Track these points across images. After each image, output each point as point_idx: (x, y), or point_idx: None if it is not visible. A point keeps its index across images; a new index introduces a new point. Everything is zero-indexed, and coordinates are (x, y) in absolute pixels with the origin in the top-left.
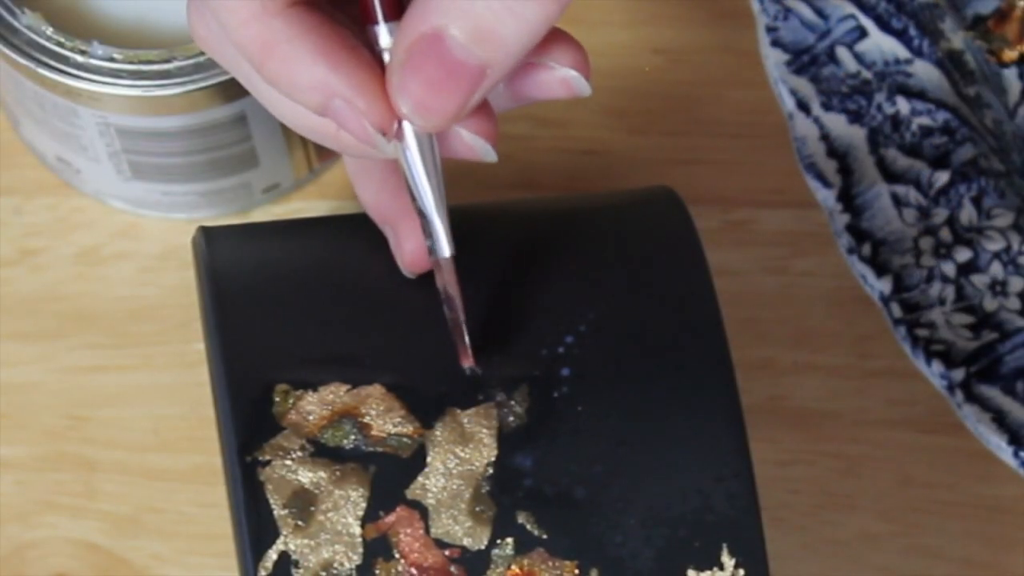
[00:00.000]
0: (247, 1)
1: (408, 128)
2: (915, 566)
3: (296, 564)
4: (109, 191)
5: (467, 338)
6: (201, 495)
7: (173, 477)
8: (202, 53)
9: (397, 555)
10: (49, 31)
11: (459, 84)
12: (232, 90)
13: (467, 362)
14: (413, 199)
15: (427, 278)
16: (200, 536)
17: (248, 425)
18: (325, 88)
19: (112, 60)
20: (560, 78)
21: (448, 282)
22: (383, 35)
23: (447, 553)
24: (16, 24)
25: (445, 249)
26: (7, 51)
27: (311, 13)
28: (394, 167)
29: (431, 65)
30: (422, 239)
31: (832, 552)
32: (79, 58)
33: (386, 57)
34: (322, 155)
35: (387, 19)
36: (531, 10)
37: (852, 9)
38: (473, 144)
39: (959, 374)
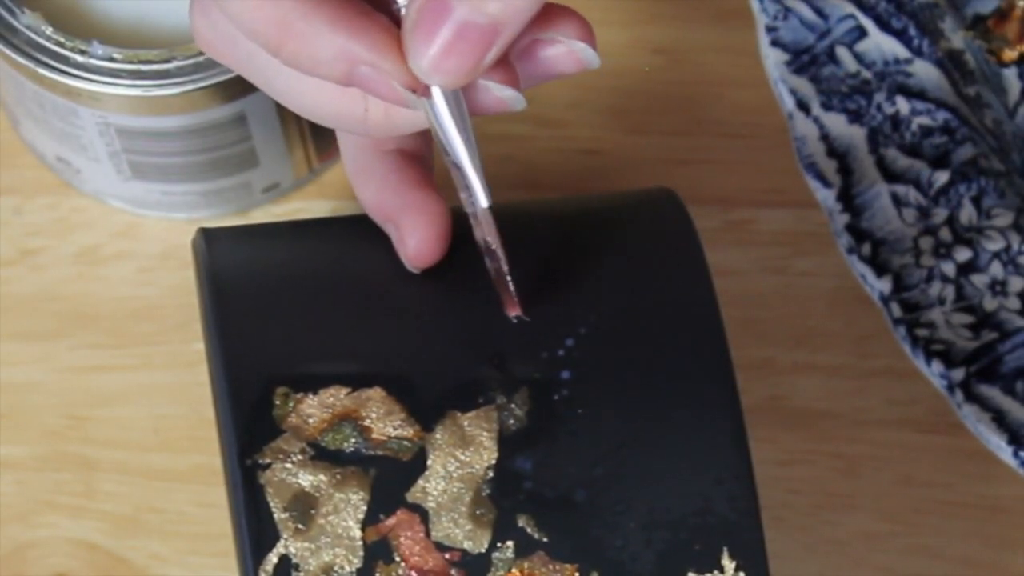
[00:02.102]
0: None
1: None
2: (915, 566)
3: (296, 567)
4: (109, 191)
5: (512, 287)
6: (201, 495)
7: (173, 477)
8: (202, 53)
9: (397, 558)
10: (49, 31)
11: (471, 44)
12: (232, 90)
13: (514, 311)
14: (446, 154)
15: (427, 280)
16: (200, 536)
17: (248, 428)
18: (349, 56)
19: (112, 60)
20: (568, 51)
21: (488, 233)
22: None
23: (447, 556)
24: (16, 24)
25: (482, 199)
26: (7, 51)
27: None
28: (394, 164)
29: (440, 27)
30: (425, 234)
31: (832, 552)
32: (79, 58)
33: (404, 14)
34: (322, 155)
35: None
36: None
37: (852, 9)
38: (502, 95)
39: (959, 374)
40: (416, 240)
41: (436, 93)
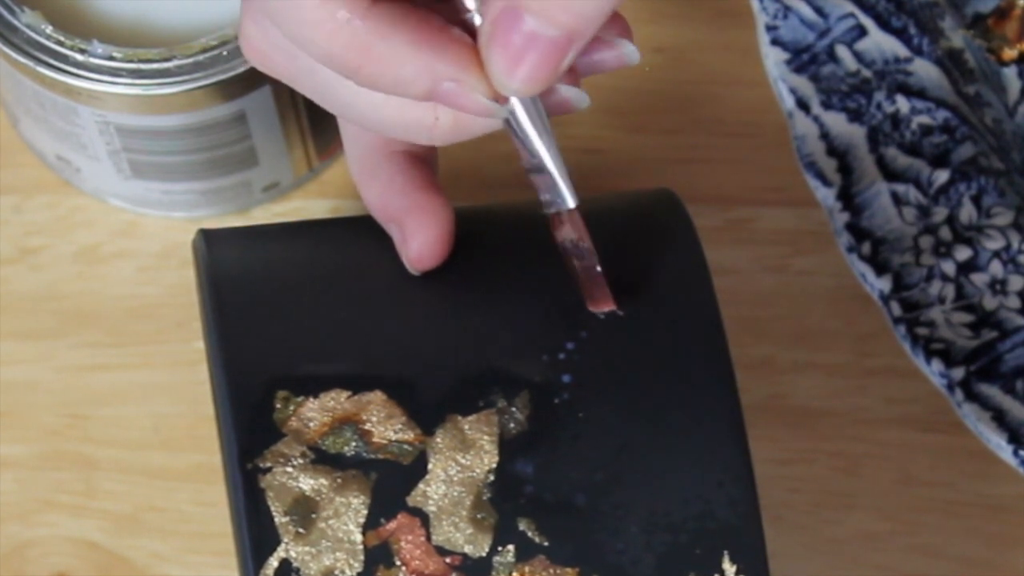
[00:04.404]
0: (329, 12)
1: None
2: (915, 565)
3: (297, 571)
4: (109, 190)
5: (605, 283)
6: (201, 494)
7: (173, 476)
8: (202, 52)
9: (398, 562)
10: (49, 30)
11: (544, 55)
12: (232, 89)
13: (608, 306)
14: (531, 157)
15: (428, 283)
16: (200, 534)
17: (249, 432)
18: (432, 74)
19: (112, 59)
20: (611, 49)
21: (578, 232)
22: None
23: (448, 560)
24: (16, 23)
25: (569, 200)
26: (7, 50)
27: (393, 6)
28: (400, 166)
29: (514, 38)
30: (428, 236)
31: (832, 551)
32: (79, 57)
33: (476, 20)
34: (322, 154)
35: None
36: None
37: (852, 8)
38: (568, 95)
39: (959, 372)
40: (419, 242)
41: (515, 101)
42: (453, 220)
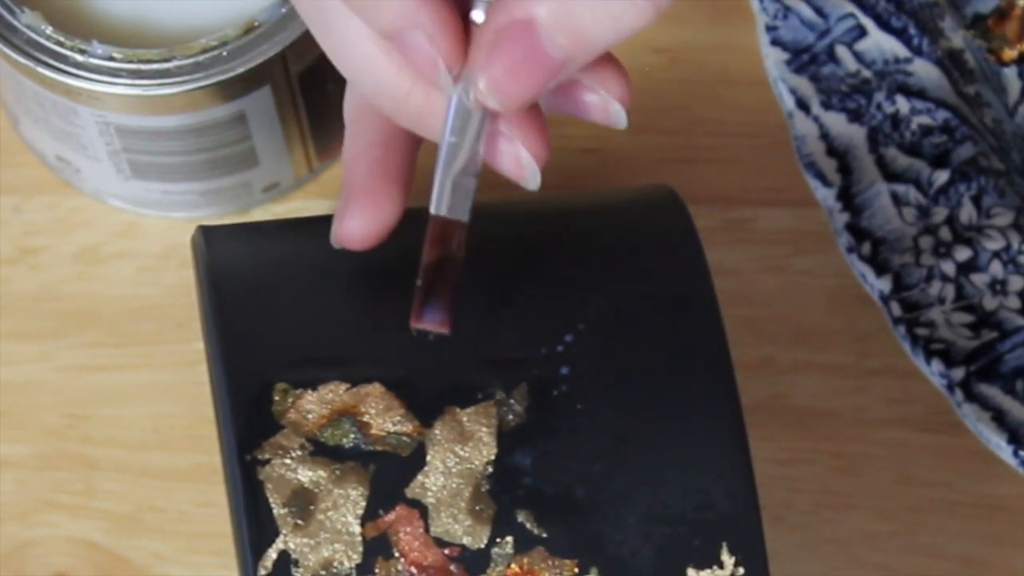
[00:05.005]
0: None
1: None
2: (914, 564)
3: (296, 563)
4: (109, 190)
5: (421, 299)
6: (201, 494)
7: (173, 476)
8: (202, 52)
9: (397, 554)
10: (49, 30)
11: (540, 73)
12: (232, 89)
13: (417, 323)
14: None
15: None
16: (200, 535)
17: (247, 424)
18: (410, 16)
19: (111, 59)
20: (602, 105)
21: (425, 241)
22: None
23: (447, 552)
24: (16, 23)
25: (432, 206)
26: (7, 50)
27: None
28: (385, 137)
29: (519, 50)
30: (360, 224)
31: (831, 551)
32: (79, 57)
33: (477, 17)
34: (322, 154)
35: None
36: (629, 17)
37: (852, 8)
38: (524, 173)
39: (959, 373)
40: (351, 226)
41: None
42: (396, 219)
